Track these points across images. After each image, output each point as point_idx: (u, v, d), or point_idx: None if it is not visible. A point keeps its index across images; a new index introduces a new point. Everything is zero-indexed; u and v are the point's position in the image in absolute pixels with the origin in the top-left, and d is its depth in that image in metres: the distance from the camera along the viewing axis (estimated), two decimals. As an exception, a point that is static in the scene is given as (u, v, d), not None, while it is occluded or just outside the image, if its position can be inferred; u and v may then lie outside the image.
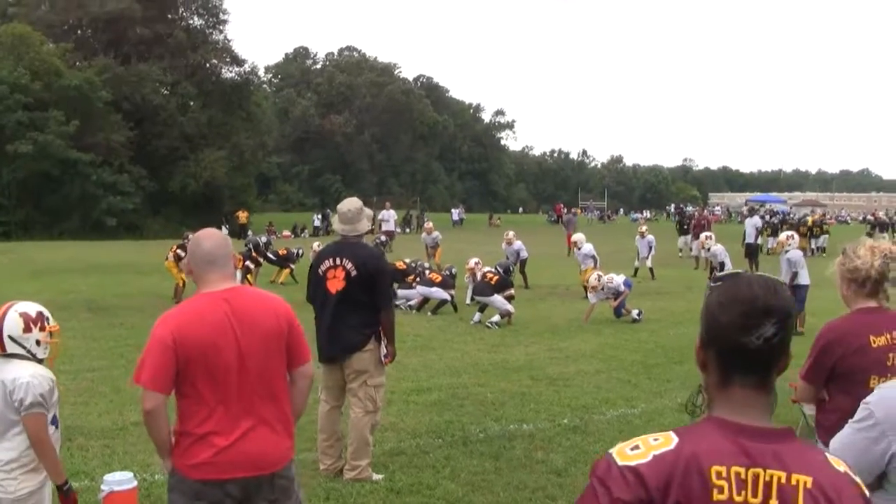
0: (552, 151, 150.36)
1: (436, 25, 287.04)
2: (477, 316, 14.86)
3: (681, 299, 18.58)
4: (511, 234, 21.58)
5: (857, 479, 1.72)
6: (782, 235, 15.55)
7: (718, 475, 1.65)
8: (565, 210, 59.55)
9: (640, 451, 1.70)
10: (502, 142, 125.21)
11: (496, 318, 14.50)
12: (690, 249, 28.99)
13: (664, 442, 1.71)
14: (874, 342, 3.90)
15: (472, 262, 16.78)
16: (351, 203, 6.66)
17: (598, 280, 15.31)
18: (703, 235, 20.43)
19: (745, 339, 1.72)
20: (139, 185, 49.65)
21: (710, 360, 1.81)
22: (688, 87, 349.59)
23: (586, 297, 16.78)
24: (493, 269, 15.60)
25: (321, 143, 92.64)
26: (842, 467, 1.71)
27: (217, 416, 3.57)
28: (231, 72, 59.59)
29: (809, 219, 41.68)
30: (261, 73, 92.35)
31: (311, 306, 6.68)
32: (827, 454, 1.78)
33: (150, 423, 3.56)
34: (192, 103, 56.53)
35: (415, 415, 8.60)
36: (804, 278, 13.54)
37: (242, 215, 49.67)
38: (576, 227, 33.79)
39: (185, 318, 3.61)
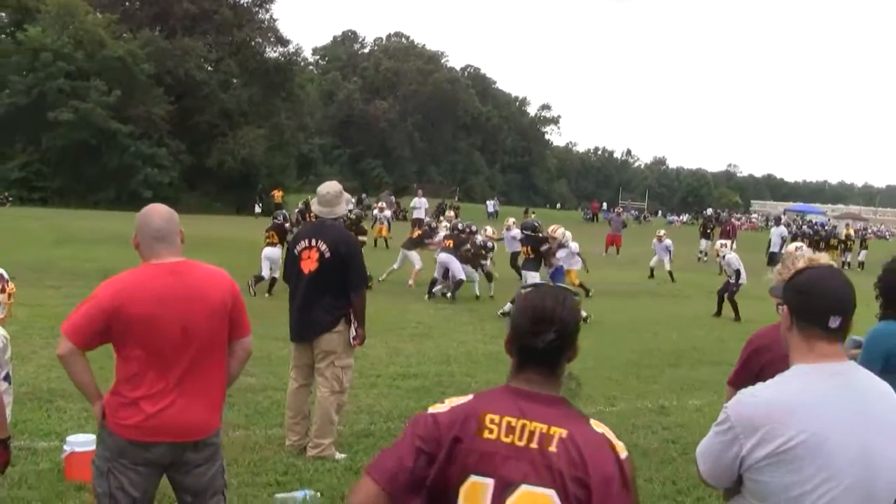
0: (596, 149, 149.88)
1: (486, 15, 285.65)
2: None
3: (694, 304, 18.51)
4: (511, 220, 21.77)
5: (617, 442, 2.23)
6: (717, 244, 19.23)
7: (491, 421, 2.21)
8: (611, 208, 59.15)
9: (444, 404, 2.32)
10: (546, 136, 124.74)
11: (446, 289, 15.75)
12: (716, 254, 28.68)
13: (463, 398, 2.33)
14: (802, 352, 3.91)
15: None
16: (330, 186, 6.80)
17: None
18: (718, 243, 20.32)
19: (532, 341, 2.26)
20: (177, 159, 50.13)
21: (513, 351, 2.34)
22: (736, 91, 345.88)
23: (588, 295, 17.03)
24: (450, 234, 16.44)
25: (364, 127, 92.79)
26: (600, 429, 2.24)
27: (149, 383, 3.69)
28: (275, 52, 59.83)
29: (843, 232, 41.13)
30: (308, 54, 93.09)
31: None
32: (593, 421, 2.27)
33: (64, 366, 3.75)
34: (234, 81, 56.83)
35: (393, 399, 8.69)
36: (742, 277, 16.30)
37: (277, 194, 50.10)
38: (619, 227, 33.45)
39: (129, 285, 3.73)
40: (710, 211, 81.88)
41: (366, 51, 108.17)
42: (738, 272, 16.35)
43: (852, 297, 2.55)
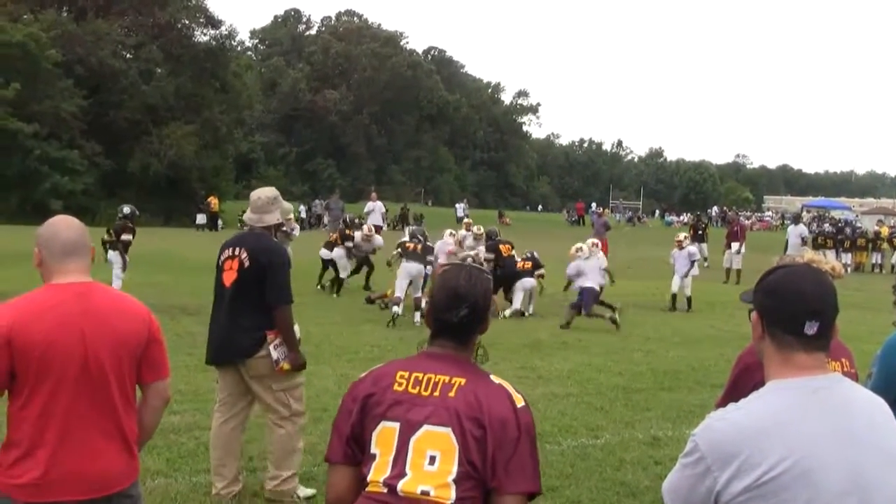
0: (582, 141, 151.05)
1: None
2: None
3: (695, 317, 18.60)
4: (477, 228, 21.74)
5: (515, 394, 2.88)
6: (680, 235, 20.53)
7: (401, 376, 2.90)
8: (598, 209, 59.33)
9: (364, 373, 3.05)
10: (524, 128, 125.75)
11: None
12: (679, 246, 28.41)
13: (382, 364, 3.06)
14: (799, 370, 3.94)
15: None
16: (263, 192, 6.88)
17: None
18: (681, 235, 20.31)
19: (447, 315, 2.93)
20: (92, 163, 49.94)
21: (431, 323, 3.02)
22: (743, 72, 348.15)
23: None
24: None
25: (313, 121, 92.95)
26: (498, 381, 2.91)
27: (47, 428, 3.56)
28: (205, 35, 60.05)
29: (873, 230, 41.59)
30: (244, 37, 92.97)
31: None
32: (493, 375, 2.93)
33: None
34: (157, 70, 56.68)
35: (342, 437, 8.64)
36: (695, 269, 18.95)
37: (213, 201, 49.96)
38: (602, 230, 33.04)
39: (26, 310, 3.60)
40: (715, 209, 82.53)
41: (312, 32, 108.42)
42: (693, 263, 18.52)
43: (831, 297, 2.52)
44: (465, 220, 22.49)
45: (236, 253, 6.64)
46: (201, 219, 49.11)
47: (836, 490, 2.35)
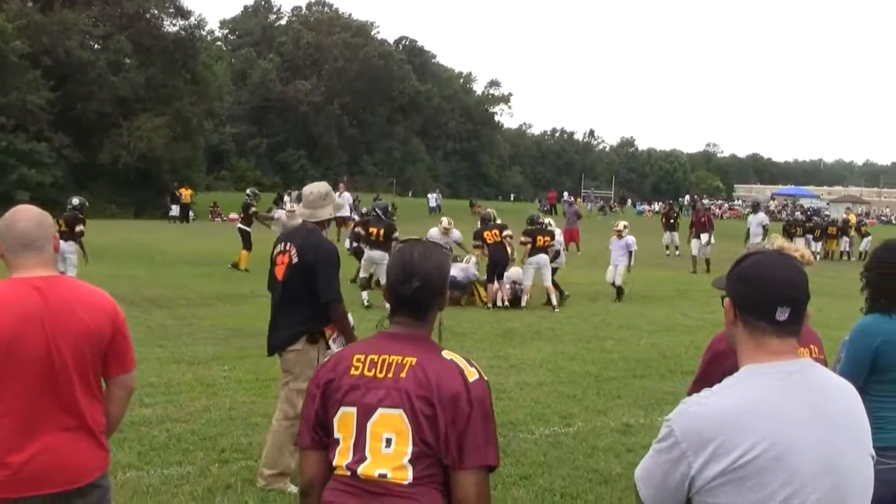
0: (554, 131, 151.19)
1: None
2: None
3: (666, 306, 18.71)
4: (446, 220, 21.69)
5: (469, 368, 2.87)
6: (619, 224, 20.55)
7: (358, 360, 2.92)
8: (570, 198, 59.32)
9: (328, 357, 3.16)
10: (496, 118, 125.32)
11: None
12: (618, 236, 28.07)
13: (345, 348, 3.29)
14: (770, 357, 3.96)
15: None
16: (315, 187, 7.05)
17: None
18: (620, 224, 20.23)
19: (400, 289, 2.96)
20: (61, 156, 49.45)
21: (389, 298, 3.03)
22: (713, 62, 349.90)
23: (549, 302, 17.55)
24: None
25: (284, 112, 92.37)
26: (450, 356, 2.89)
27: (13, 426, 3.54)
28: (175, 25, 59.39)
29: (850, 217, 42.00)
30: (214, 27, 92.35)
31: None
32: (445, 351, 2.93)
33: None
34: (127, 61, 56.05)
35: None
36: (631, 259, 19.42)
37: (185, 192, 49.80)
38: (574, 219, 32.80)
39: None
40: (687, 198, 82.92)
41: (283, 23, 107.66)
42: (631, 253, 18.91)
43: (803, 284, 2.53)
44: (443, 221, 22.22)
45: (287, 248, 6.79)
46: (175, 210, 48.93)
47: (810, 472, 2.37)
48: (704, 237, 27.27)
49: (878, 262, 4.50)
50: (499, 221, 19.19)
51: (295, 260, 6.66)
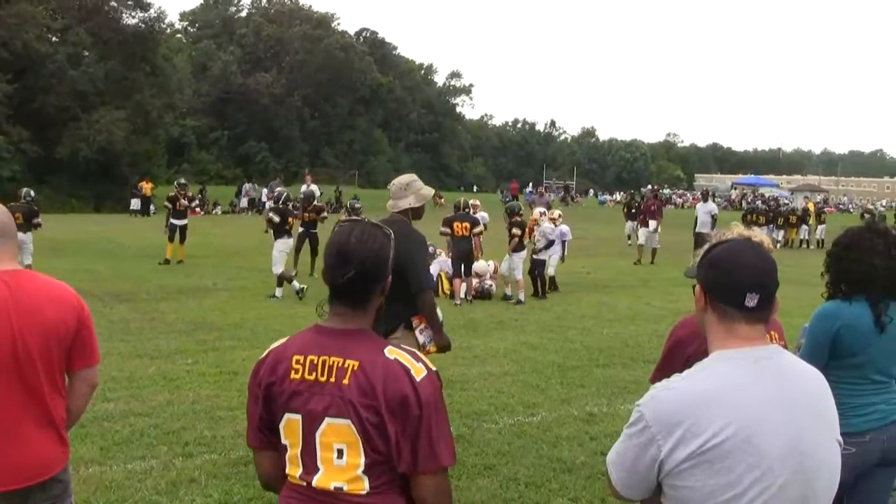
0: (515, 121, 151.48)
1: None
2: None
3: (629, 295, 18.77)
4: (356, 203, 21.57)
5: (414, 364, 2.70)
6: (536, 212, 19.61)
7: (297, 361, 2.74)
8: (535, 188, 59.32)
9: (267, 349, 2.89)
10: (457, 109, 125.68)
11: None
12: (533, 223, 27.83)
13: (280, 341, 2.89)
14: (729, 342, 3.99)
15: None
16: (400, 178, 7.20)
17: None
18: (536, 211, 19.83)
19: (334, 277, 2.77)
20: (19, 149, 49.05)
21: (327, 284, 2.82)
22: (673, 51, 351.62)
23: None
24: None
25: (245, 105, 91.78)
26: (393, 355, 2.71)
27: None
28: (134, 17, 59.08)
29: (809, 205, 42.33)
30: (174, 19, 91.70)
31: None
32: (388, 348, 2.75)
33: None
34: (85, 54, 55.73)
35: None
36: (555, 250, 18.81)
37: (146, 186, 49.53)
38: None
39: None
40: (648, 187, 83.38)
41: (243, 14, 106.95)
42: (552, 242, 18.24)
43: (772, 271, 2.57)
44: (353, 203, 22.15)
45: None
46: (135, 204, 48.61)
47: (777, 456, 2.40)
48: (652, 224, 27.23)
49: (839, 247, 4.54)
50: (477, 214, 19.13)
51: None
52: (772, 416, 2.43)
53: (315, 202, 21.22)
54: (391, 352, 2.73)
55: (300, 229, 20.10)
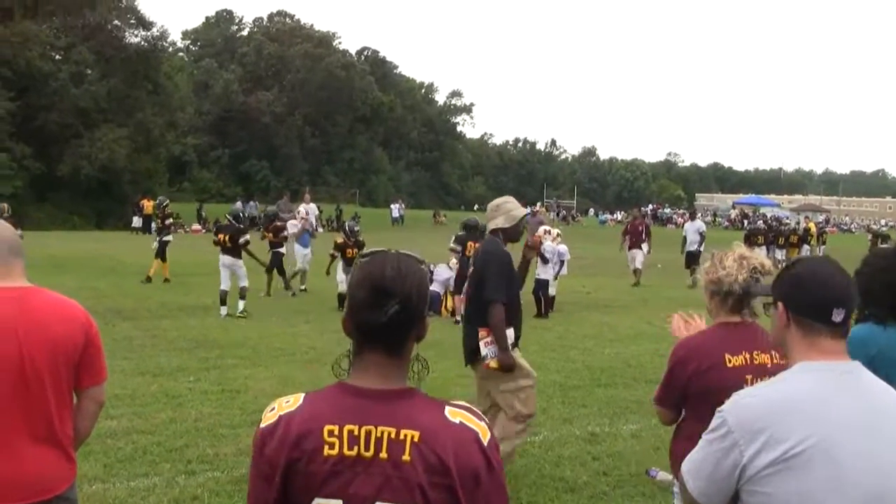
0: (516, 140, 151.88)
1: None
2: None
3: (631, 314, 18.74)
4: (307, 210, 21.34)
5: (478, 424, 2.25)
6: (553, 232, 19.58)
7: (331, 433, 2.20)
8: (534, 208, 59.21)
9: (273, 411, 2.31)
10: (458, 128, 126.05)
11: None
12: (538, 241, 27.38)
13: (293, 402, 2.30)
14: (730, 361, 4.01)
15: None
16: (496, 199, 7.55)
17: None
18: (541, 229, 19.51)
19: (372, 316, 2.24)
20: (21, 166, 49.06)
21: (352, 330, 2.31)
22: (675, 71, 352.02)
23: None
24: None
25: (246, 123, 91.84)
26: (457, 418, 2.24)
27: None
28: (136, 36, 59.18)
29: (810, 225, 42.19)
30: (176, 38, 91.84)
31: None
32: (448, 408, 2.26)
33: None
34: (88, 72, 55.70)
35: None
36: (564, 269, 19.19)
37: (147, 204, 49.55)
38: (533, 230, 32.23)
39: None
40: (650, 207, 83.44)
41: (244, 33, 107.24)
42: (546, 261, 18.30)
43: (853, 288, 2.65)
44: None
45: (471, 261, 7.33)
46: (137, 222, 48.65)
47: (857, 467, 2.43)
48: (645, 247, 25.97)
49: (871, 268, 4.43)
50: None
51: (472, 268, 7.19)
52: (853, 430, 2.47)
53: (276, 222, 21.16)
54: (453, 413, 2.26)
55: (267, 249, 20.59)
